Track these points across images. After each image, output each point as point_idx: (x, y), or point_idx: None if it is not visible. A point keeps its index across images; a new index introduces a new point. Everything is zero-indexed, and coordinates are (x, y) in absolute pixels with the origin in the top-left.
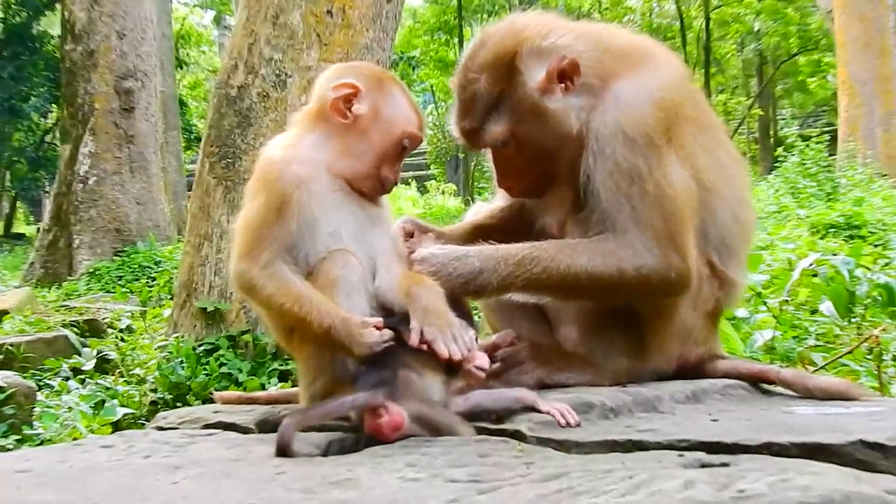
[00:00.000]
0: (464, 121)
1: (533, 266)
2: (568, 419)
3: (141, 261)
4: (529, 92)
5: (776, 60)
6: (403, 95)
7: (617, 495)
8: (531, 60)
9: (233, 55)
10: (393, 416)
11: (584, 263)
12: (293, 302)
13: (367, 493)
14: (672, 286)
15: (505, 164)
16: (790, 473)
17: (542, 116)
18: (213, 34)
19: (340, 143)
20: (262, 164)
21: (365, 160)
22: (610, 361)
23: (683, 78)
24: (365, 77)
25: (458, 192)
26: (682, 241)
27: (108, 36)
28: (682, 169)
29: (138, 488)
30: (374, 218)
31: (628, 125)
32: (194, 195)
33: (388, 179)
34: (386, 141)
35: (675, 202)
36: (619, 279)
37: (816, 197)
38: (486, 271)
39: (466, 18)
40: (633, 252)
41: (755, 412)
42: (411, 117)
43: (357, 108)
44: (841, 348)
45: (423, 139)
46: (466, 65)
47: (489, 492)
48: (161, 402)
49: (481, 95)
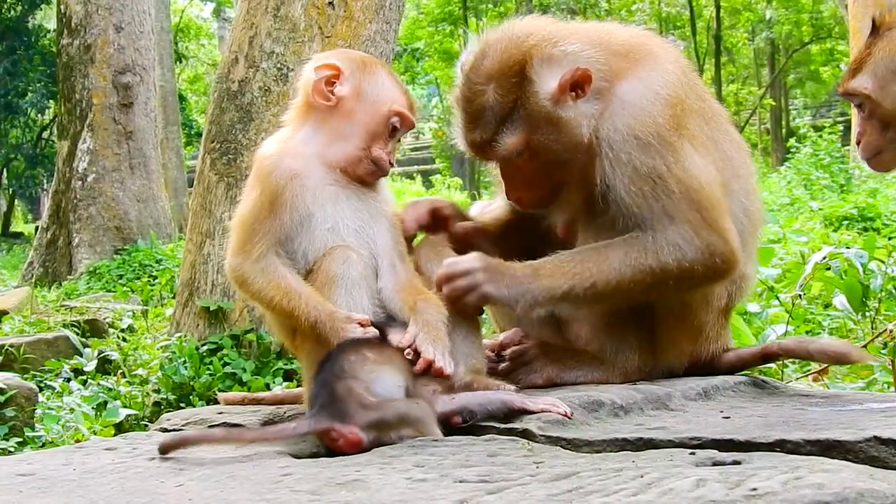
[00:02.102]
0: (473, 133)
1: (588, 287)
2: (564, 410)
3: (142, 259)
4: (543, 101)
5: (788, 49)
6: (389, 76)
7: (628, 494)
8: (542, 69)
9: (233, 49)
10: (346, 436)
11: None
12: (282, 296)
13: (374, 494)
14: (718, 270)
15: (515, 175)
16: (803, 471)
17: (556, 126)
18: (212, 27)
19: (328, 129)
20: (256, 159)
21: (354, 141)
22: (621, 359)
23: (684, 70)
24: (347, 59)
25: (463, 187)
26: (719, 226)
27: (105, 30)
28: (700, 158)
29: (143, 491)
30: (374, 212)
31: (639, 129)
32: (195, 192)
33: (382, 159)
34: (372, 119)
35: (702, 191)
36: (678, 278)
37: (829, 188)
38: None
39: (471, 9)
40: (675, 248)
41: (767, 409)
42: (397, 97)
43: (339, 89)
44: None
45: (413, 120)
46: (469, 76)
47: (498, 492)
48: (164, 403)
49: (491, 106)
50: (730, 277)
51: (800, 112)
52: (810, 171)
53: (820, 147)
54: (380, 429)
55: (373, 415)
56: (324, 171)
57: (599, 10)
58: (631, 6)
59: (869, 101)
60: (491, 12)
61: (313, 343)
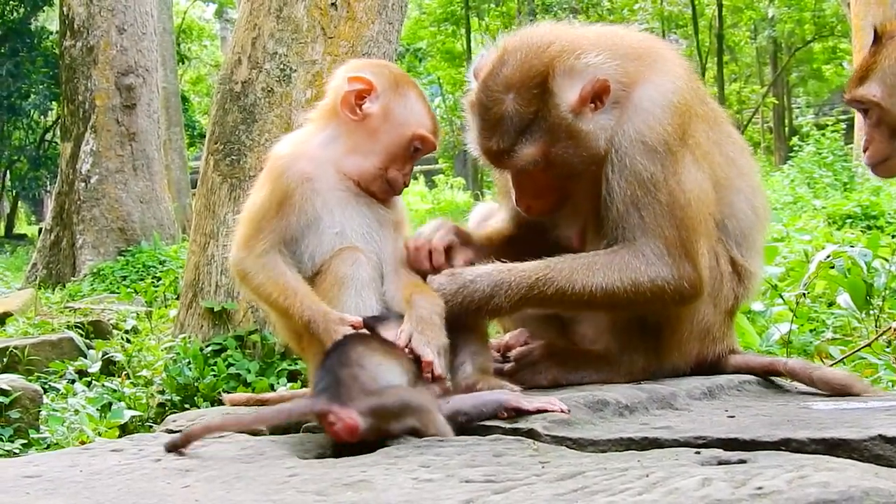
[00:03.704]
0: (490, 141)
1: (546, 287)
2: (560, 407)
3: (145, 260)
4: (564, 114)
5: (791, 48)
6: (419, 100)
7: (633, 494)
8: (564, 81)
9: (236, 50)
10: (344, 420)
11: (599, 281)
12: (279, 293)
13: (380, 494)
14: (683, 296)
15: (527, 184)
16: (808, 470)
17: (576, 138)
18: (215, 28)
19: (350, 141)
20: (271, 158)
21: (373, 160)
22: (626, 360)
23: (690, 76)
24: (382, 75)
25: (466, 187)
26: (692, 250)
27: (107, 31)
28: (697, 171)
29: (149, 492)
30: (381, 219)
31: (648, 135)
32: (199, 193)
33: (397, 181)
34: (395, 141)
35: (687, 209)
36: (635, 293)
37: (833, 187)
38: (497, 296)
39: (474, 9)
40: (647, 262)
41: (772, 408)
42: (424, 121)
43: (368, 106)
44: (859, 341)
45: (435, 145)
46: (487, 83)
47: (504, 492)
48: (169, 404)
49: (511, 116)
50: (694, 303)
51: (802, 110)
52: (813, 169)
53: (823, 145)
54: (380, 416)
55: (374, 401)
56: (337, 177)
57: (601, 8)
58: (633, 5)
59: (877, 108)
60: (493, 12)
61: (319, 346)
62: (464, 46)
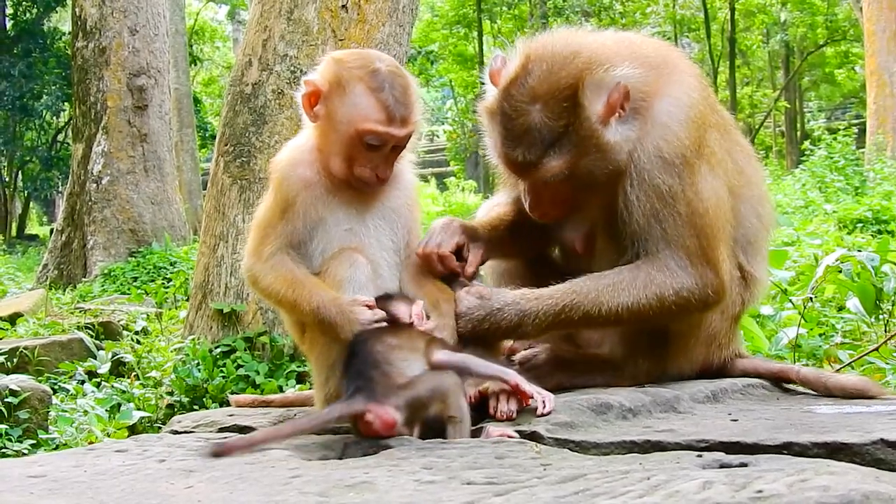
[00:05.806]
0: (514, 151)
1: (573, 313)
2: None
3: (156, 261)
4: (594, 127)
5: (803, 52)
6: (367, 93)
7: (634, 496)
8: (594, 94)
9: (247, 52)
10: (382, 417)
11: (625, 300)
12: (287, 287)
13: (382, 496)
14: (708, 303)
15: (544, 193)
16: (809, 473)
17: (604, 151)
18: (227, 29)
19: (318, 143)
20: (272, 165)
21: (336, 160)
22: (631, 365)
23: (703, 85)
24: (329, 74)
25: (478, 189)
26: (714, 256)
27: (119, 32)
28: (713, 178)
29: (153, 493)
30: (386, 213)
31: (666, 150)
32: (209, 195)
33: (365, 177)
34: (344, 140)
35: (706, 217)
36: (660, 307)
37: (844, 191)
38: (524, 325)
39: (486, 11)
40: (671, 274)
41: (775, 411)
42: (370, 114)
43: (318, 108)
44: (868, 345)
45: (389, 133)
46: (512, 92)
47: (506, 494)
48: (177, 405)
49: (539, 128)
50: (718, 307)
51: (814, 115)
52: (825, 173)
53: (834, 150)
54: (413, 408)
55: (408, 394)
56: (331, 177)
57: (613, 12)
58: (645, 9)
59: None
60: (505, 15)
61: (320, 336)
62: (476, 49)
